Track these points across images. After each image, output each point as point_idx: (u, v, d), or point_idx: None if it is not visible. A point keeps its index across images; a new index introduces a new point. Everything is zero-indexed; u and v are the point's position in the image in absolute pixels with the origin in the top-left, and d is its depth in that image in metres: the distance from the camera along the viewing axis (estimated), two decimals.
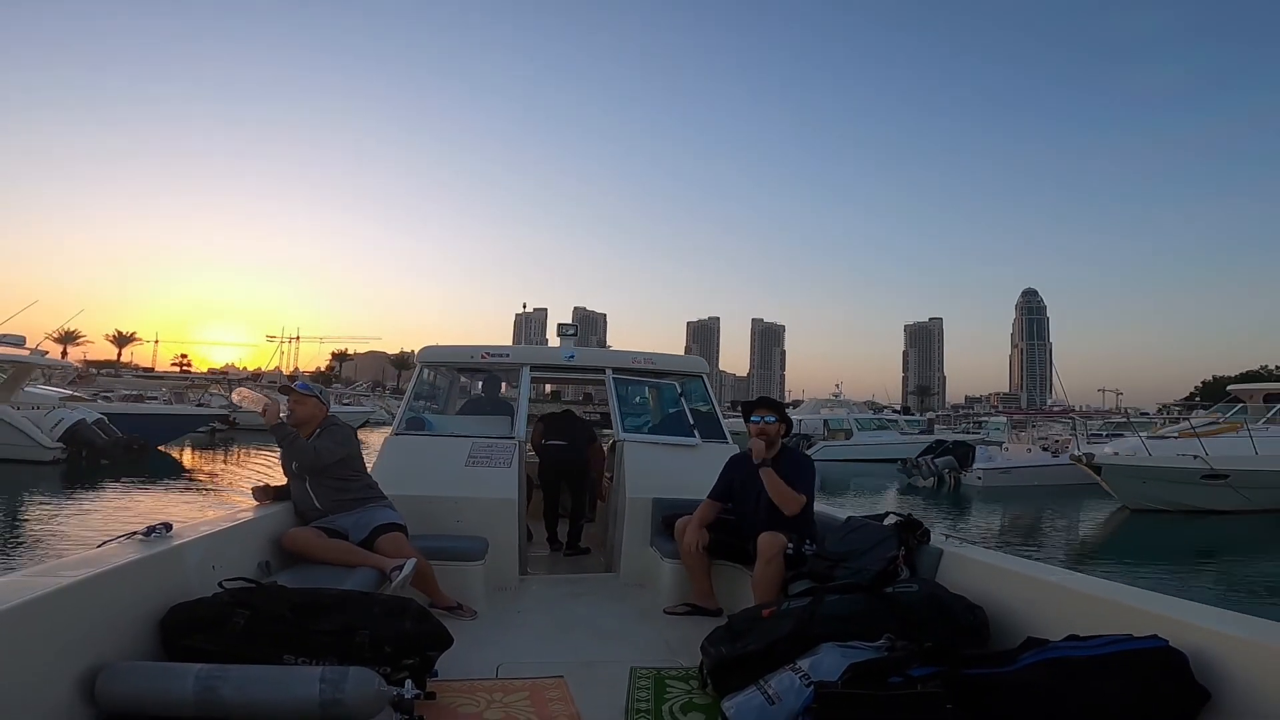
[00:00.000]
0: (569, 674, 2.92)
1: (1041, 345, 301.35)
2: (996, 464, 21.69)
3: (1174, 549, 13.68)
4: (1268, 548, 14.00)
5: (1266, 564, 12.64)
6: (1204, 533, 14.96)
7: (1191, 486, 16.06)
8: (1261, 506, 15.89)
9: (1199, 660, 1.88)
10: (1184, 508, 16.15)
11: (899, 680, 2.05)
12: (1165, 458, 16.55)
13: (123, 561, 2.32)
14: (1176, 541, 14.36)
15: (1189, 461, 16.08)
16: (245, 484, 16.82)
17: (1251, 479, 15.81)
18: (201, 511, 12.32)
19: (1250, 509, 15.95)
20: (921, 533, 3.27)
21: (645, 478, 4.76)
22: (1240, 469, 15.83)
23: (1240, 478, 15.78)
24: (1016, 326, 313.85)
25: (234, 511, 3.56)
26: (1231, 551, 13.62)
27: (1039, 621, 2.41)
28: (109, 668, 2.04)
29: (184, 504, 14.37)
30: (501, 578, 4.30)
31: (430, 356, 5.63)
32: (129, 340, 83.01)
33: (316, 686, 2.03)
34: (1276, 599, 9.09)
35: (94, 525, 11.19)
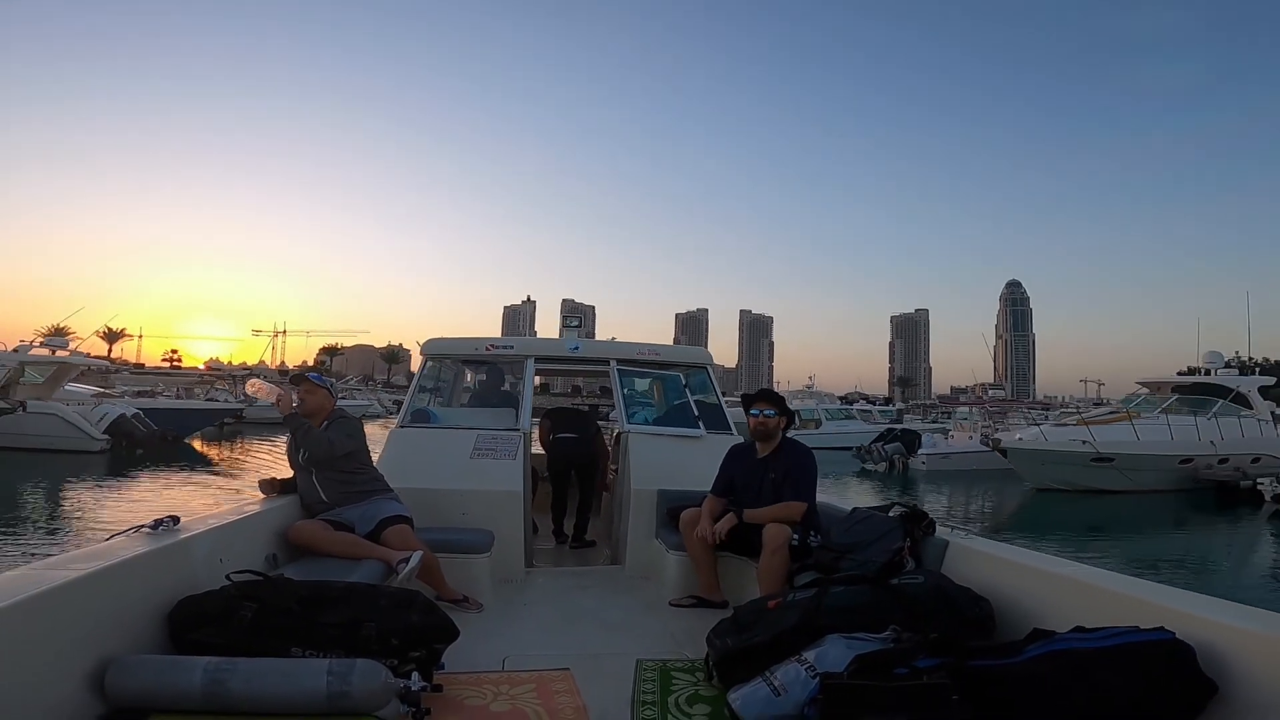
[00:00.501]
0: (575, 666, 2.92)
1: (1025, 336, 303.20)
2: (939, 450, 24.16)
3: (1068, 524, 15.05)
4: (1148, 524, 15.52)
5: (1146, 540, 14.09)
6: (1095, 510, 16.56)
7: (1083, 468, 18.07)
8: (1145, 487, 17.89)
9: (1206, 653, 1.87)
10: (1079, 487, 18.09)
11: (905, 672, 2.05)
12: (1059, 442, 18.65)
13: (131, 555, 2.34)
14: (1071, 517, 15.80)
15: (1079, 446, 18.09)
16: (259, 469, 18.86)
17: (1134, 462, 17.92)
18: (216, 504, 12.99)
19: (1135, 489, 17.92)
20: (927, 524, 3.27)
21: (650, 469, 4.76)
22: (1124, 453, 17.87)
23: (1125, 460, 17.84)
24: (1001, 318, 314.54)
25: (240, 504, 3.58)
26: (1117, 527, 15.06)
27: (1045, 613, 2.41)
28: (118, 661, 2.05)
29: (215, 488, 15.87)
30: (507, 570, 4.31)
31: (435, 349, 5.63)
32: (119, 336, 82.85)
33: (324, 679, 2.04)
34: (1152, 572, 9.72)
35: (141, 507, 12.68)
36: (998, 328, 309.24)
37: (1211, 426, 18.95)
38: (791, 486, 3.73)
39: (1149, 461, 18.07)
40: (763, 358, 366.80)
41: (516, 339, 5.87)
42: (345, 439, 3.65)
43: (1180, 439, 18.40)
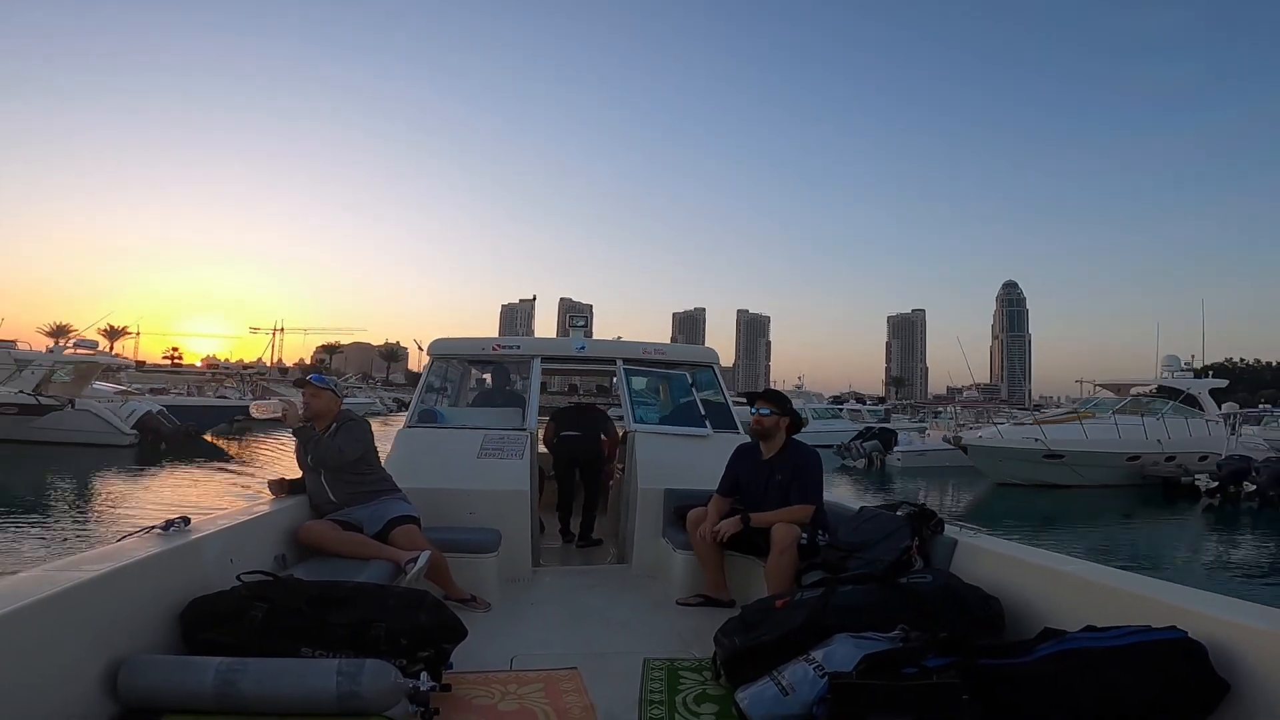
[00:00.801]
0: (583, 665, 2.93)
1: (1021, 337, 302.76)
2: (914, 448, 25.27)
3: (1022, 515, 15.92)
4: (1096, 516, 16.30)
5: (1094, 531, 14.61)
6: (1048, 503, 17.80)
7: (1036, 464, 19.31)
8: (1095, 482, 19.17)
9: (1218, 651, 1.86)
10: (1034, 482, 19.30)
11: (914, 671, 2.04)
12: (1013, 440, 19.98)
13: (142, 555, 2.35)
14: (1026, 509, 16.80)
15: (1031, 444, 19.44)
16: (269, 462, 20.28)
17: (1083, 459, 19.24)
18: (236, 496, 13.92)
19: (1086, 484, 19.18)
20: (935, 523, 3.26)
21: (657, 468, 4.76)
22: (1074, 450, 19.22)
23: (1074, 457, 19.19)
24: (997, 318, 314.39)
25: (250, 505, 3.59)
26: (1068, 519, 15.85)
27: (1055, 612, 2.40)
28: (130, 661, 2.06)
29: (234, 480, 16.81)
30: (514, 569, 4.32)
31: (441, 349, 5.65)
32: (120, 334, 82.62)
33: (334, 679, 2.04)
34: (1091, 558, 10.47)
35: (169, 496, 13.92)
36: (994, 328, 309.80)
37: (1159, 426, 20.28)
38: (799, 488, 3.71)
39: (1097, 458, 19.35)
40: (760, 357, 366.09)
41: (523, 339, 5.88)
42: (354, 444, 3.65)
43: (1127, 438, 19.71)
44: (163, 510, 11.56)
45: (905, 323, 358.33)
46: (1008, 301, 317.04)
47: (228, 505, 13.35)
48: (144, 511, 11.82)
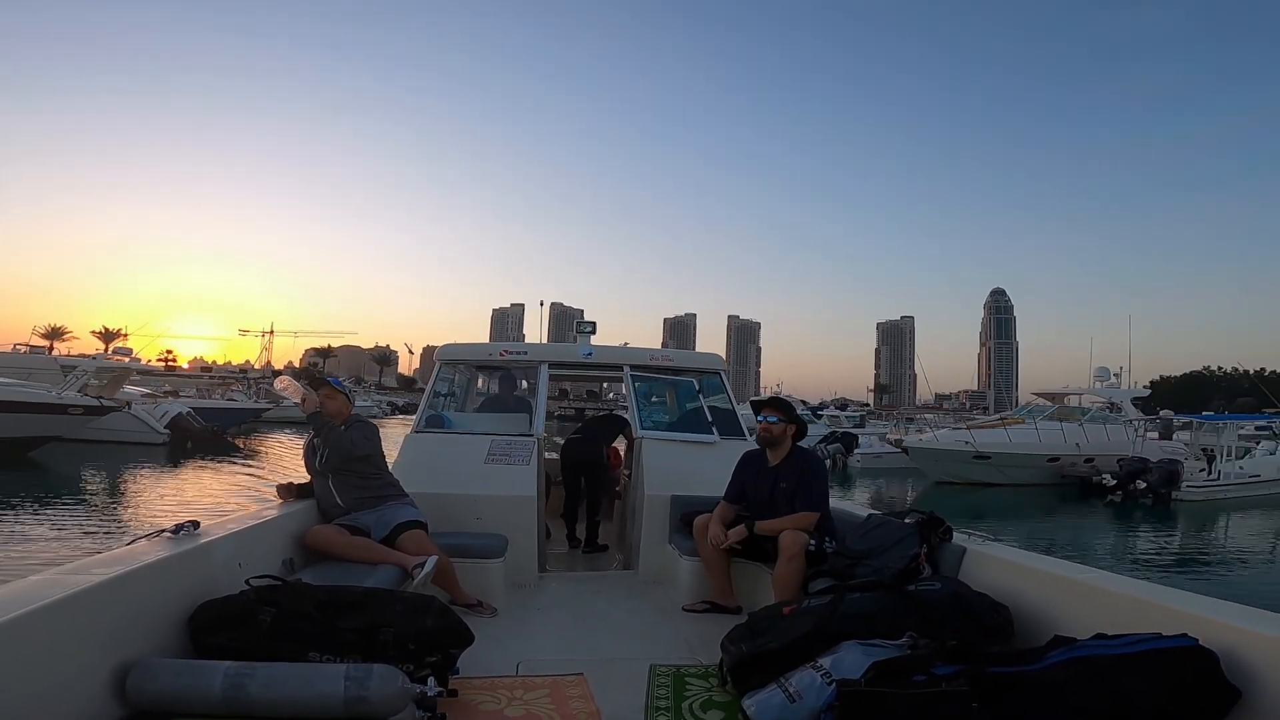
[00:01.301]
0: (589, 671, 2.92)
1: (1008, 344, 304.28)
2: (873, 450, 27.26)
3: (955, 510, 16.29)
4: (1019, 511, 18.26)
5: (1016, 524, 16.07)
6: (979, 499, 19.71)
7: (967, 464, 21.66)
8: (1018, 481, 21.35)
9: (1229, 659, 1.85)
10: (966, 480, 21.51)
11: (923, 679, 2.03)
12: (946, 443, 22.65)
13: (152, 559, 2.36)
14: (959, 505, 18.27)
15: (961, 446, 21.99)
16: (280, 459, 22.23)
17: (1008, 459, 21.59)
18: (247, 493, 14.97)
19: (1012, 482, 21.36)
20: (944, 530, 3.25)
21: (663, 475, 4.76)
22: (999, 452, 21.65)
23: (1000, 459, 21.52)
24: (985, 325, 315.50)
25: (258, 509, 3.60)
26: (994, 513, 17.47)
27: (1065, 620, 2.39)
28: (140, 664, 2.07)
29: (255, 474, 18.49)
30: (521, 575, 4.32)
31: (449, 354, 5.66)
32: (115, 336, 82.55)
33: (342, 684, 2.05)
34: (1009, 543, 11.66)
35: (202, 487, 16.08)
36: (982, 335, 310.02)
37: (1078, 431, 22.82)
38: (804, 495, 3.71)
39: (1020, 459, 21.73)
40: (750, 363, 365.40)
41: (530, 345, 5.86)
42: (364, 440, 3.70)
43: (1047, 441, 22.25)
44: (197, 499, 14.50)
45: (894, 329, 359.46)
46: (996, 309, 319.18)
47: (243, 502, 14.15)
48: (182, 499, 14.25)
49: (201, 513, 13.18)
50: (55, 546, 9.52)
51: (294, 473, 10.62)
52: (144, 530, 2.70)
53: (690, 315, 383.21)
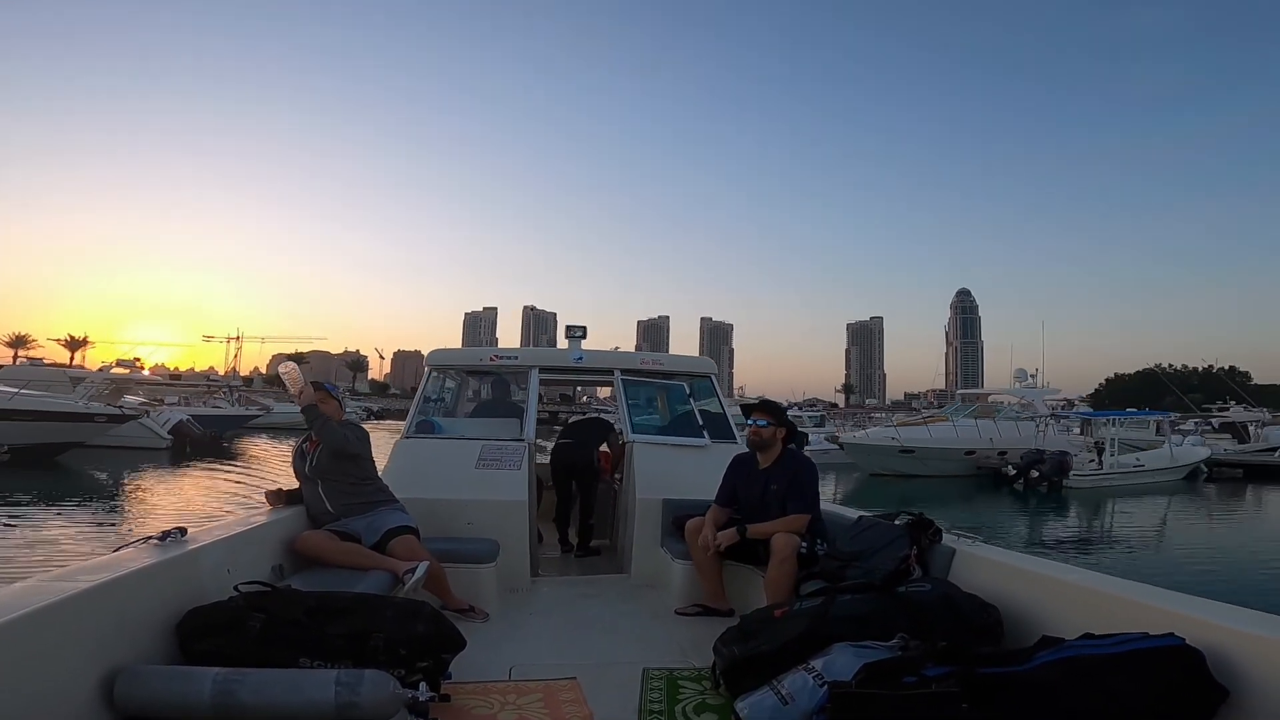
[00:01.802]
0: (582, 675, 2.92)
1: (974, 343, 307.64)
2: (820, 447, 27.81)
3: (885, 499, 18.79)
4: (941, 499, 19.55)
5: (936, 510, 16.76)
6: (905, 489, 21.24)
7: (894, 457, 23.88)
8: (940, 472, 23.58)
9: (1216, 658, 1.87)
10: (895, 472, 23.57)
11: (913, 680, 2.04)
12: (875, 438, 25.30)
13: (139, 566, 2.34)
14: (888, 494, 20.12)
15: (888, 441, 24.50)
16: (267, 460, 24.26)
17: (929, 453, 24.01)
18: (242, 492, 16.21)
19: (935, 474, 23.55)
20: (933, 532, 3.26)
21: (655, 479, 4.76)
22: (921, 446, 24.05)
23: (922, 452, 23.87)
24: (952, 325, 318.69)
25: (247, 515, 3.58)
26: (918, 501, 18.00)
27: (1053, 620, 2.40)
28: (127, 671, 2.05)
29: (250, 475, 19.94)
30: (513, 579, 4.31)
31: (438, 360, 5.66)
32: (81, 345, 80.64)
33: (332, 689, 2.04)
34: None
35: (208, 486, 17.73)
36: (949, 335, 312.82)
37: (991, 427, 25.71)
38: (795, 498, 3.72)
39: (940, 453, 24.17)
40: (723, 364, 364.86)
41: (521, 349, 5.87)
42: (356, 440, 3.69)
43: (964, 436, 24.94)
44: (201, 497, 16.04)
45: (864, 330, 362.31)
46: (961, 309, 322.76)
47: (244, 498, 15.00)
48: (188, 496, 16.11)
49: (198, 513, 13.65)
50: (93, 537, 10.95)
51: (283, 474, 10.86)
52: (132, 537, 2.68)
53: (664, 317, 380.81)
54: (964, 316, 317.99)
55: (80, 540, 10.61)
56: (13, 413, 19.00)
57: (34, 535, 10.70)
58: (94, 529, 11.75)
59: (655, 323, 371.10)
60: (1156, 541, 15.20)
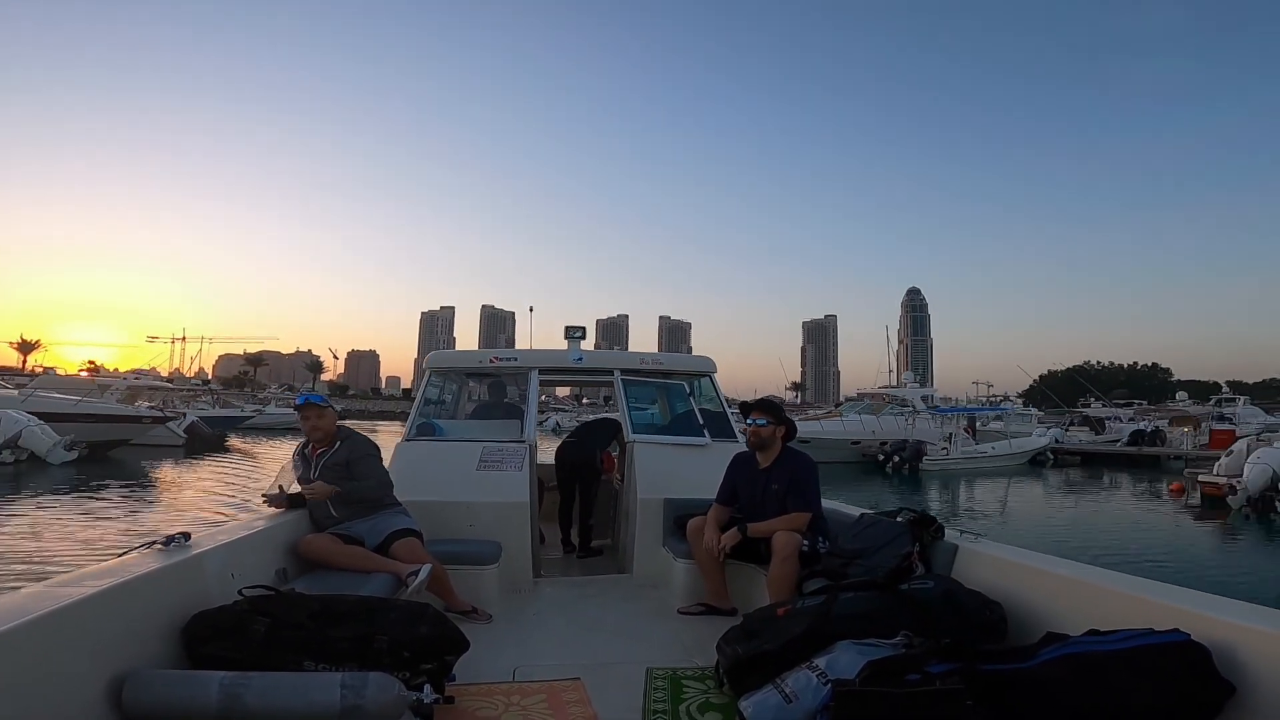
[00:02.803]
0: (585, 675, 2.92)
1: (923, 341, 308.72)
2: None
3: None
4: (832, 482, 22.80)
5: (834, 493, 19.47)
6: None
7: None
8: (832, 459, 24.39)
9: (1222, 654, 1.87)
10: None
11: (917, 677, 2.05)
12: None
13: (144, 571, 2.35)
14: None
15: None
16: (265, 455, 27.19)
17: (821, 442, 25.24)
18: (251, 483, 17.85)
19: (827, 460, 23.87)
20: (935, 529, 3.26)
21: (656, 478, 4.76)
22: (815, 437, 25.67)
23: (816, 442, 24.64)
24: (902, 323, 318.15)
25: (250, 519, 3.58)
26: None
27: (1057, 616, 2.40)
28: (135, 675, 2.06)
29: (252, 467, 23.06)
30: (515, 581, 4.31)
31: (438, 362, 5.66)
32: (33, 347, 77.91)
33: (337, 692, 2.04)
34: None
35: (219, 473, 20.83)
36: (900, 333, 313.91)
37: (874, 421, 29.58)
38: (796, 496, 3.72)
39: (830, 443, 26.34)
40: None
41: (520, 351, 5.84)
42: (375, 467, 3.76)
43: (850, 429, 28.78)
44: (215, 481, 19.11)
45: (819, 328, 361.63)
46: (912, 307, 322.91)
47: (237, 494, 16.09)
48: (209, 482, 18.83)
49: (214, 495, 15.69)
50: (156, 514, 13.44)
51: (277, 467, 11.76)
52: (137, 542, 2.68)
53: (623, 316, 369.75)
54: (914, 315, 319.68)
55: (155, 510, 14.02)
56: (83, 416, 22.72)
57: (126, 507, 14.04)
58: (154, 504, 15.02)
59: (614, 321, 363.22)
60: (975, 507, 18.60)
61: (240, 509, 13.51)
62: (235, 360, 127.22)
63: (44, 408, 21.46)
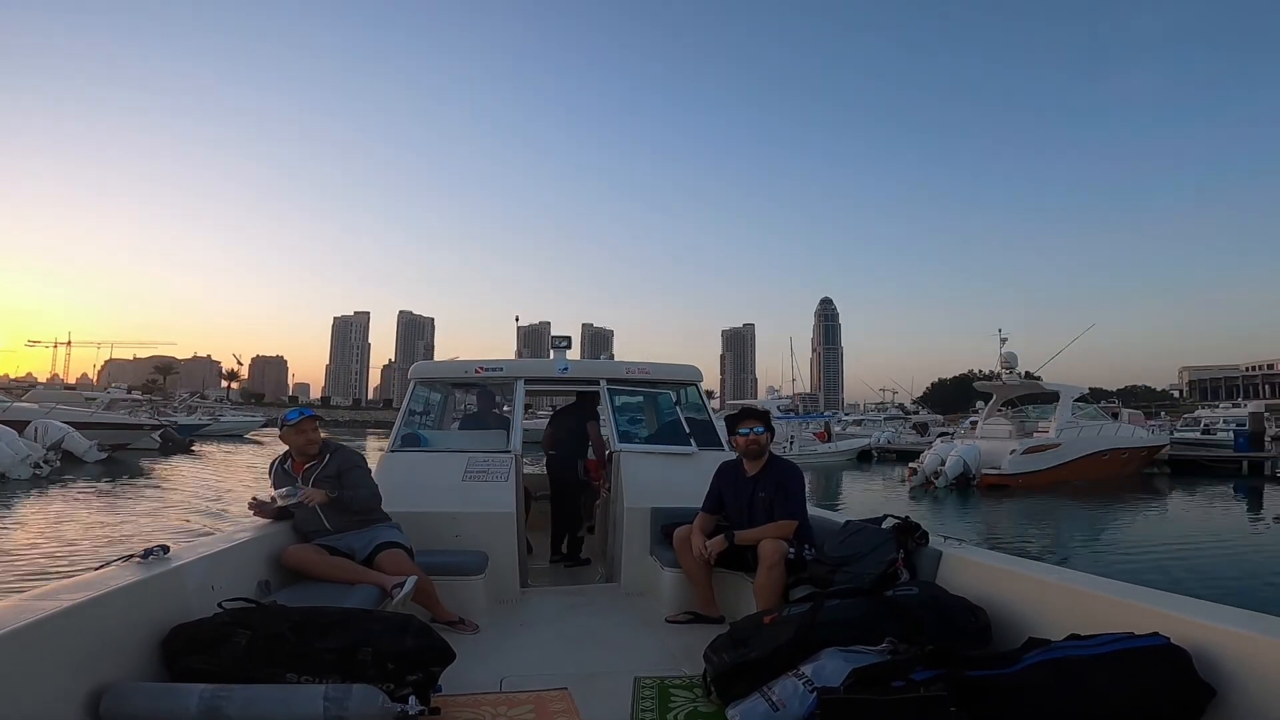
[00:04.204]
0: (573, 685, 2.91)
1: (834, 349, 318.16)
2: None
3: None
4: None
5: None
6: None
7: None
8: None
9: (1202, 657, 1.89)
10: None
11: (902, 684, 2.05)
12: None
13: (122, 583, 2.32)
14: None
15: None
16: (221, 461, 30.17)
17: None
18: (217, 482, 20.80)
19: None
20: (920, 535, 3.29)
21: (643, 487, 4.76)
22: None
23: None
24: (816, 332, 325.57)
25: (232, 531, 3.55)
26: None
27: (1040, 622, 2.42)
28: (113, 688, 2.03)
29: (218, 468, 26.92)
30: (502, 591, 4.29)
31: (423, 372, 5.64)
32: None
33: (320, 704, 2.03)
34: None
35: (191, 473, 23.80)
36: (813, 341, 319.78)
37: None
38: (782, 503, 3.73)
39: None
40: None
41: (506, 361, 5.82)
42: (366, 477, 3.75)
43: None
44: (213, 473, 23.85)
45: (737, 336, 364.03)
46: (824, 316, 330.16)
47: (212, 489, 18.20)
48: (209, 473, 23.75)
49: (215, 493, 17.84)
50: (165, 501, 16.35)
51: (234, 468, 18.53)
52: (115, 556, 2.66)
53: (544, 323, 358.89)
54: (826, 324, 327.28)
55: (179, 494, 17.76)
56: (102, 424, 27.86)
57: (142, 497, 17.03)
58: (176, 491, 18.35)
59: (536, 329, 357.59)
60: None
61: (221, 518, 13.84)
62: (125, 366, 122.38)
63: (69, 418, 25.19)
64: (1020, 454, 21.90)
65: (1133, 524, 16.54)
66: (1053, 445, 22.75)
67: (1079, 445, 23.20)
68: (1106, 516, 17.14)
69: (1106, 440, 24.58)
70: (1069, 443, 22.95)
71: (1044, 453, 22.47)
